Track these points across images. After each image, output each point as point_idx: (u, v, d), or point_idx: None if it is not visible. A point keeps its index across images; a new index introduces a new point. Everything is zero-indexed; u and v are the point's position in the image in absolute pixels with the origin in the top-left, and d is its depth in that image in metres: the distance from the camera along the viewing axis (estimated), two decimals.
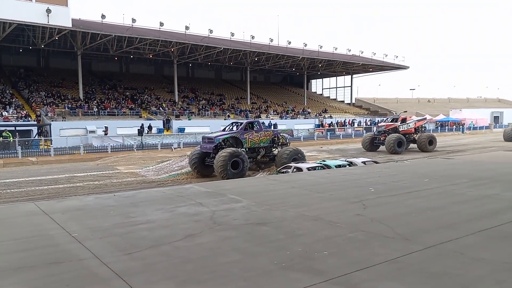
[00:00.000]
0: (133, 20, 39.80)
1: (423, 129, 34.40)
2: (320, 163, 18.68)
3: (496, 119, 71.37)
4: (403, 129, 32.22)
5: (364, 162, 19.18)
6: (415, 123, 33.58)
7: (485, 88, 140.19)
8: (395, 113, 37.92)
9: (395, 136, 30.35)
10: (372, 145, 32.60)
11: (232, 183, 11.92)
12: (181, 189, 10.45)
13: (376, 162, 19.87)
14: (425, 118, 39.43)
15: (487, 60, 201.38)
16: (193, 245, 5.71)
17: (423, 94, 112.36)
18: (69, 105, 42.13)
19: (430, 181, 11.22)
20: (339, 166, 18.25)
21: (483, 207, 8.04)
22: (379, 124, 37.59)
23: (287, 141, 22.43)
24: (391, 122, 34.04)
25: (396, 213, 7.50)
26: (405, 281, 4.46)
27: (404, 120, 33.25)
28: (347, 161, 19.36)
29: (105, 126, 36.78)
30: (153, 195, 9.58)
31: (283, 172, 18.42)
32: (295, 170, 17.76)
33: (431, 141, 31.88)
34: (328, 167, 18.02)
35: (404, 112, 46.88)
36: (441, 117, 65.79)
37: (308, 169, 17.44)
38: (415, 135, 33.06)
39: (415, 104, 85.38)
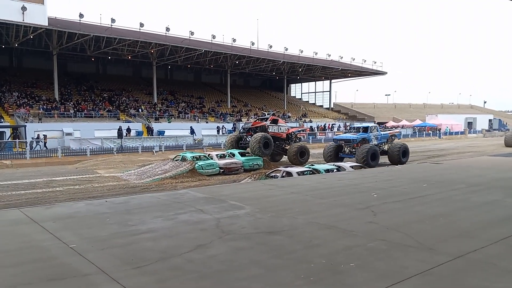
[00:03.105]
0: (113, 20, 38.82)
1: (297, 139, 29.23)
2: (309, 168, 18.46)
3: (469, 124, 73.11)
4: (272, 130, 27.05)
5: (352, 167, 19.08)
6: (288, 128, 28.76)
7: (458, 95, 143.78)
8: (267, 113, 31.81)
9: (261, 134, 25.16)
10: (237, 147, 27.05)
11: (229, 188, 11.48)
12: (176, 194, 9.94)
13: (364, 167, 19.79)
14: (301, 126, 33.43)
15: (460, 67, 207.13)
16: (206, 257, 5.26)
17: (400, 100, 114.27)
18: (44, 107, 40.65)
19: (428, 186, 11.07)
20: (328, 170, 18.08)
21: (492, 213, 7.88)
22: (246, 121, 31.34)
23: None
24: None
25: (408, 220, 7.23)
26: None
27: (275, 122, 28.01)
28: (335, 166, 19.22)
29: (43, 135, 32.62)
30: (147, 201, 9.04)
31: (271, 177, 18.09)
32: (284, 174, 17.45)
33: (303, 153, 26.35)
34: (317, 171, 17.80)
35: (276, 111, 39.80)
36: (417, 122, 66.90)
37: (298, 173, 17.17)
38: (286, 145, 28.19)
39: (392, 109, 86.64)
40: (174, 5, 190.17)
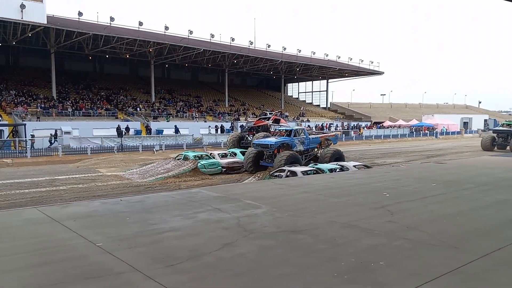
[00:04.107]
0: (111, 19, 38.66)
1: None
2: (313, 167, 18.53)
3: (465, 124, 73.53)
4: (274, 130, 27.00)
5: (355, 166, 19.16)
6: None
7: (453, 95, 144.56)
8: (269, 112, 31.22)
9: (263, 134, 25.30)
10: (239, 146, 27.07)
11: (240, 187, 11.52)
12: (189, 193, 9.96)
13: (367, 166, 19.87)
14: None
15: (455, 68, 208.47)
16: (236, 255, 5.30)
17: (396, 99, 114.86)
18: (42, 105, 40.43)
19: (437, 186, 11.16)
20: (332, 170, 18.16)
21: (506, 212, 7.98)
22: (248, 119, 31.95)
23: None
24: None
25: (426, 219, 7.30)
26: None
27: (277, 121, 28.13)
28: (338, 165, 19.30)
29: (31, 134, 31.70)
30: (163, 200, 9.06)
31: (275, 176, 18.14)
32: (289, 173, 17.51)
33: None
34: (322, 170, 17.89)
35: (279, 111, 39.43)
36: (414, 122, 67.22)
37: (302, 172, 17.23)
38: None
39: (388, 109, 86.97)
40: (173, 4, 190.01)
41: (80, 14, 37.34)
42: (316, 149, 24.55)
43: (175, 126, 42.37)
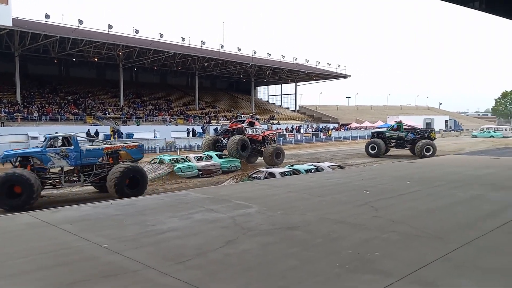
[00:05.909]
0: (80, 22, 38.12)
1: (271, 141, 29.74)
2: (290, 168, 18.98)
3: (428, 125, 76.15)
4: (249, 133, 27.39)
5: (329, 167, 19.76)
6: (263, 131, 29.51)
7: (416, 97, 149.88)
8: (242, 116, 31.72)
9: (238, 137, 25.66)
10: (214, 149, 27.36)
11: (226, 189, 11.78)
12: (178, 195, 10.14)
13: (341, 167, 20.51)
14: (278, 129, 34.48)
15: (418, 70, 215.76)
16: (241, 251, 5.59)
17: (361, 102, 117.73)
18: (6, 110, 39.18)
19: (412, 183, 11.79)
20: (307, 170, 18.67)
21: (481, 207, 8.58)
22: (222, 123, 33.52)
23: None
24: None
25: (409, 215, 7.80)
26: (472, 277, 4.68)
27: (252, 124, 28.48)
28: (313, 165, 19.85)
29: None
30: (153, 203, 9.21)
31: (254, 178, 18.45)
32: (267, 175, 17.87)
33: (279, 154, 27.19)
34: (298, 171, 18.35)
35: (254, 114, 37.91)
36: (379, 123, 69.13)
37: (280, 174, 17.64)
38: (262, 147, 28.37)
39: (354, 111, 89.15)
40: (143, 7, 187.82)
41: (47, 16, 36.58)
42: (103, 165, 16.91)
43: (118, 131, 41.52)
